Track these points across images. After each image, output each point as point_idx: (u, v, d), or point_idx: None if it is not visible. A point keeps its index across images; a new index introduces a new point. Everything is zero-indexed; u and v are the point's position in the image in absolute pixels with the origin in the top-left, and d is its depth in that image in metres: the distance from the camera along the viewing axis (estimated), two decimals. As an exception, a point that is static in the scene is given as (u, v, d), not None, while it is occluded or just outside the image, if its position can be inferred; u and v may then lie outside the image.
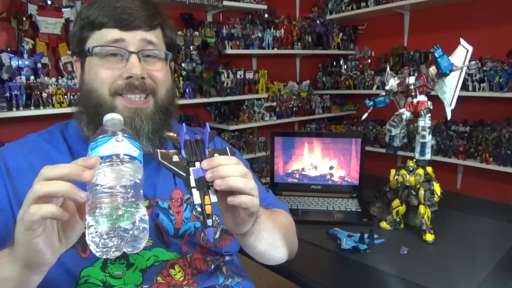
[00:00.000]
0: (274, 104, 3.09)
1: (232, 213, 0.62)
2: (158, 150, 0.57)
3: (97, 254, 0.49)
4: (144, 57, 0.74)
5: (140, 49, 0.72)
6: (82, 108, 0.75)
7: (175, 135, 0.60)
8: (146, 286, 0.72)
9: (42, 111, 2.00)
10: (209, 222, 0.54)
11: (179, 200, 0.79)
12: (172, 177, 0.58)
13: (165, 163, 0.56)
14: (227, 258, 0.86)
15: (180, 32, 2.58)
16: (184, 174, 0.56)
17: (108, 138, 0.52)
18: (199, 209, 0.54)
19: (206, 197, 0.54)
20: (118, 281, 0.71)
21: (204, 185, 0.55)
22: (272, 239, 0.75)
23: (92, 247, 0.49)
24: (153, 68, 0.75)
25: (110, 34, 0.71)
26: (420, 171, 1.12)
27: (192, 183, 0.55)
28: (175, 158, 0.57)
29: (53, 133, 0.79)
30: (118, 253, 0.50)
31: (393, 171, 1.18)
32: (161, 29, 0.77)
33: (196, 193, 0.55)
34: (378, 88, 3.09)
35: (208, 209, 0.53)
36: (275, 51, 3.03)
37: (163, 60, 0.77)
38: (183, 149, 0.59)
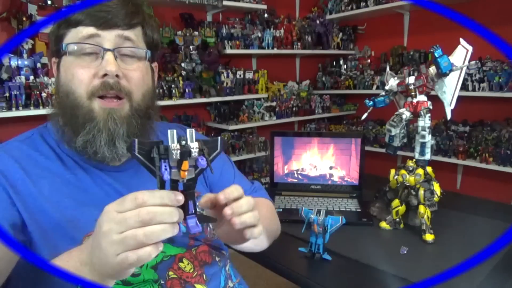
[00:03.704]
0: (274, 104, 3.08)
1: (229, 228, 0.59)
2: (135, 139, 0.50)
3: None
4: (121, 56, 0.72)
5: (116, 46, 0.70)
6: (59, 110, 0.73)
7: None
8: (163, 282, 0.72)
9: (41, 111, 1.99)
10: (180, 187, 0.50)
11: None
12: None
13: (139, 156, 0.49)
14: (224, 253, 0.87)
15: (180, 32, 2.58)
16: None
17: None
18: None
19: (185, 162, 0.49)
20: (137, 279, 0.71)
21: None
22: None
23: None
24: (129, 67, 0.72)
25: (85, 30, 0.69)
26: (420, 171, 1.12)
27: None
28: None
29: (34, 139, 0.75)
30: None
31: (393, 171, 1.18)
32: (141, 27, 0.75)
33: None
34: (378, 88, 3.08)
35: (183, 174, 0.49)
36: (275, 51, 3.03)
37: (143, 59, 0.75)
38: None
